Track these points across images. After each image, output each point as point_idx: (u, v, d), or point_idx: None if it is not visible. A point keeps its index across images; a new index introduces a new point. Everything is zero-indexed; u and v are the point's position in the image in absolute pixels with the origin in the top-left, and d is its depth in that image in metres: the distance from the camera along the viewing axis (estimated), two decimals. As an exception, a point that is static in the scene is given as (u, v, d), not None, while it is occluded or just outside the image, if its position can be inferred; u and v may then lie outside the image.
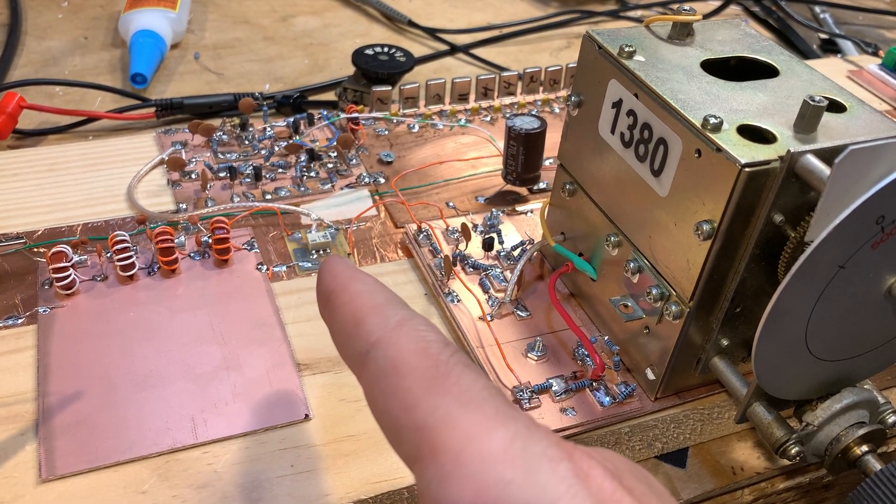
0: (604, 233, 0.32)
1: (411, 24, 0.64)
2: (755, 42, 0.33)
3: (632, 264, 0.31)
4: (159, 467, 0.28)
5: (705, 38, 0.32)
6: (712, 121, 0.26)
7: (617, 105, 0.30)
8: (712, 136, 0.26)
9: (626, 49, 0.30)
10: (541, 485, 0.15)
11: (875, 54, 0.62)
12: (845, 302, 0.25)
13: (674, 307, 0.29)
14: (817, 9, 0.74)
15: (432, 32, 0.63)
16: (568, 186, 0.35)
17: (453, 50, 0.62)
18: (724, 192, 0.26)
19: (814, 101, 0.26)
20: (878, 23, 0.76)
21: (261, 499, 0.27)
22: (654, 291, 0.30)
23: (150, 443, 0.28)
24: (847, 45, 0.66)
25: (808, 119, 0.26)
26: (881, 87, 0.57)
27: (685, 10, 0.32)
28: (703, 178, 0.26)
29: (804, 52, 0.66)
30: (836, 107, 0.28)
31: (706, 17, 0.71)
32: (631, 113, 0.30)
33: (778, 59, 0.31)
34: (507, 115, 0.43)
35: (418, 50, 0.61)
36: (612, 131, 0.31)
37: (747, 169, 0.25)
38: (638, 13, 0.71)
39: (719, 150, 0.26)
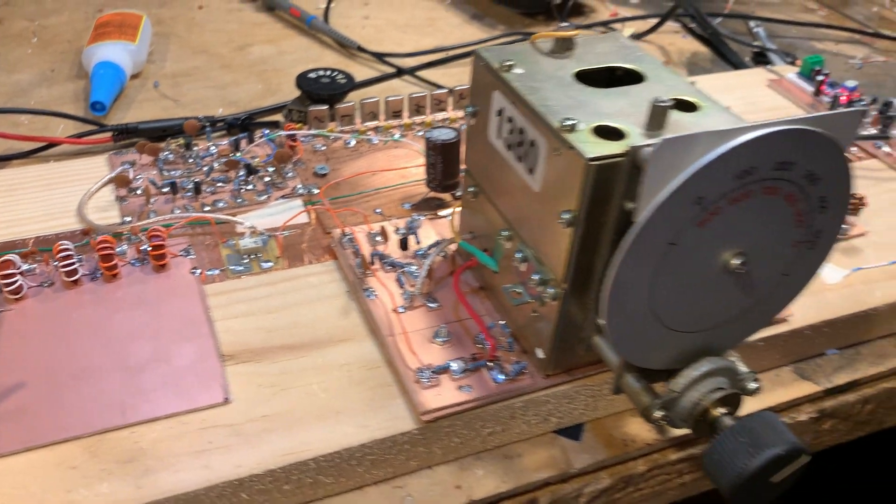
0: (499, 229, 0.36)
1: (360, 49, 0.68)
2: (630, 53, 0.36)
3: (519, 255, 0.34)
4: (90, 446, 0.31)
5: (585, 52, 0.36)
6: (567, 123, 0.30)
7: (500, 113, 0.34)
8: (567, 136, 0.29)
9: (506, 63, 0.34)
10: None
11: (793, 63, 0.66)
12: (686, 276, 0.28)
13: (551, 290, 0.32)
14: (752, 23, 0.78)
15: (380, 56, 0.67)
16: (472, 189, 0.38)
17: (400, 72, 0.65)
18: (579, 183, 0.29)
19: (659, 102, 0.30)
20: (810, 35, 0.80)
21: (180, 469, 0.30)
22: (535, 277, 0.33)
23: (82, 425, 0.31)
24: (776, 56, 0.70)
25: (655, 118, 0.30)
26: (798, 93, 0.60)
27: (563, 26, 0.36)
28: (563, 172, 0.30)
29: (735, 64, 0.70)
30: (689, 107, 0.32)
31: (647, 33, 0.75)
32: (510, 119, 0.33)
33: (647, 68, 0.35)
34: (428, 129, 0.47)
35: (367, 73, 0.65)
36: (499, 137, 0.35)
37: (594, 163, 0.28)
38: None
39: (572, 147, 0.29)
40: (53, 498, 0.29)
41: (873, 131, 0.56)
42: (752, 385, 0.32)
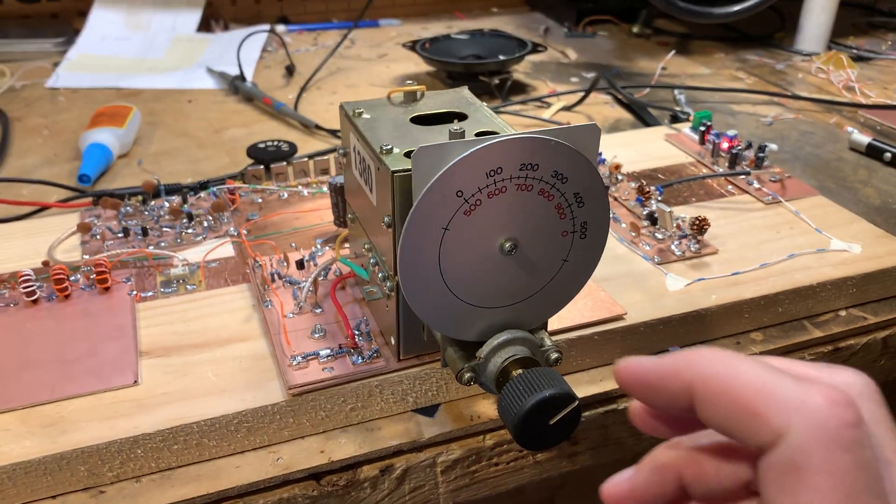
0: (363, 244, 0.44)
1: (318, 127, 0.79)
2: (464, 102, 0.45)
3: (372, 260, 0.42)
4: (22, 415, 0.39)
5: (428, 102, 0.45)
6: (385, 147, 0.38)
7: (354, 149, 0.43)
8: (384, 157, 0.38)
9: (357, 111, 0.43)
10: None
11: (687, 120, 0.74)
12: (469, 257, 0.36)
13: (389, 283, 0.40)
14: (676, 91, 0.87)
15: (334, 132, 0.78)
16: (351, 217, 0.47)
17: (349, 144, 0.76)
18: (390, 192, 0.37)
19: (454, 129, 0.38)
20: (731, 99, 0.88)
21: (88, 430, 0.38)
22: (380, 275, 0.41)
23: (18, 399, 0.40)
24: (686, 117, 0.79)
25: (454, 142, 0.38)
26: (688, 143, 0.69)
27: (409, 82, 0.45)
28: (382, 185, 0.38)
29: (650, 124, 0.79)
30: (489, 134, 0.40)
31: (576, 104, 0.85)
32: (359, 153, 0.42)
33: (472, 112, 0.44)
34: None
35: (324, 146, 0.76)
36: (356, 168, 0.43)
37: (397, 174, 0.37)
38: (517, 108, 0.85)
39: (385, 164, 0.38)
40: (-11, 451, 0.37)
41: (748, 170, 0.63)
42: (554, 355, 0.39)
